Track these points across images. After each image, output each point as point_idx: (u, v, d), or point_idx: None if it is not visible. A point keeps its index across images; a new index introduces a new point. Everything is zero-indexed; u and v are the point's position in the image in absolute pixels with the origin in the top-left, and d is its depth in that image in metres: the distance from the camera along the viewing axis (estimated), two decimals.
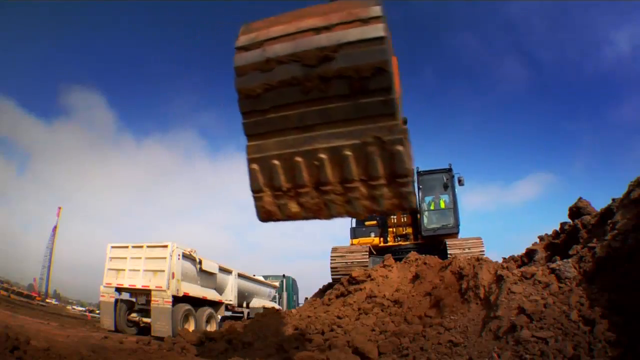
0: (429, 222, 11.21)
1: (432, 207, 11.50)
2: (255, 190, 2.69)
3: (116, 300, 10.70)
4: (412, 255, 9.45)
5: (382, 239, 11.84)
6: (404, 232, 11.96)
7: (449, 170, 11.64)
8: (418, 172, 10.12)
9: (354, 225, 12.12)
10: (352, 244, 11.81)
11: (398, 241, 11.91)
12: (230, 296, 13.15)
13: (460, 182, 11.42)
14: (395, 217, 11.45)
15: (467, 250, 10.14)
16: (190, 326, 10.18)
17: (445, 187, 11.43)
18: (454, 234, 11.06)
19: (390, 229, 12.11)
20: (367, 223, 12.03)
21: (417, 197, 10.90)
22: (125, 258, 10.77)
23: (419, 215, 11.30)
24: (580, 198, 7.50)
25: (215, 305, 11.98)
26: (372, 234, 11.77)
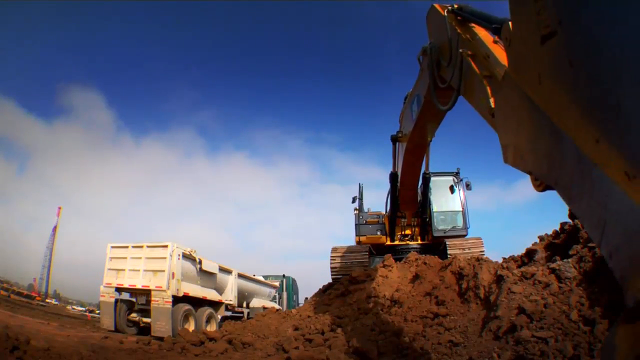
0: (439, 223, 11.25)
1: (442, 209, 11.57)
2: None
3: (116, 300, 10.69)
4: (412, 255, 9.45)
5: (389, 237, 11.85)
6: (412, 233, 11.97)
7: (457, 173, 11.89)
8: (426, 174, 10.24)
9: (357, 222, 12.14)
10: (357, 241, 11.82)
11: (405, 240, 11.91)
12: (230, 296, 13.14)
13: (468, 187, 11.75)
14: (405, 218, 11.50)
15: (467, 251, 10.15)
16: (190, 326, 10.17)
17: (452, 189, 11.58)
18: (463, 236, 11.16)
19: (398, 229, 12.10)
20: (369, 220, 12.05)
21: (427, 199, 11.01)
22: (125, 258, 10.76)
23: (427, 217, 11.34)
24: None
25: (215, 305, 11.97)
26: (379, 232, 11.78)
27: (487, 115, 2.89)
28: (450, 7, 3.81)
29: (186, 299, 10.33)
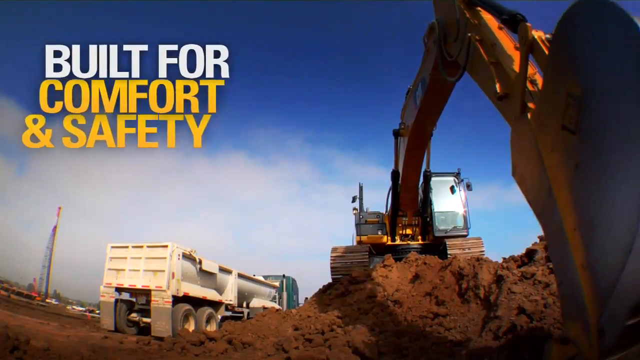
0: (440, 223, 11.26)
1: (443, 209, 11.57)
2: None
3: (116, 300, 10.69)
4: (412, 255, 9.44)
5: (389, 237, 11.84)
6: (412, 232, 11.96)
7: (458, 174, 11.89)
8: (427, 172, 10.23)
9: (357, 222, 12.12)
10: (358, 241, 11.80)
11: (405, 240, 11.90)
12: (230, 296, 13.14)
13: (469, 188, 11.75)
14: (406, 218, 11.51)
15: (467, 250, 10.15)
16: (190, 326, 10.17)
17: (453, 190, 11.60)
18: (464, 236, 11.16)
19: (399, 229, 12.08)
20: (369, 220, 12.03)
21: (428, 197, 11.03)
22: (125, 258, 10.76)
23: (428, 217, 11.34)
24: None
25: (215, 305, 11.97)
26: (380, 232, 11.76)
27: (493, 97, 3.09)
28: None
29: (186, 299, 10.34)
